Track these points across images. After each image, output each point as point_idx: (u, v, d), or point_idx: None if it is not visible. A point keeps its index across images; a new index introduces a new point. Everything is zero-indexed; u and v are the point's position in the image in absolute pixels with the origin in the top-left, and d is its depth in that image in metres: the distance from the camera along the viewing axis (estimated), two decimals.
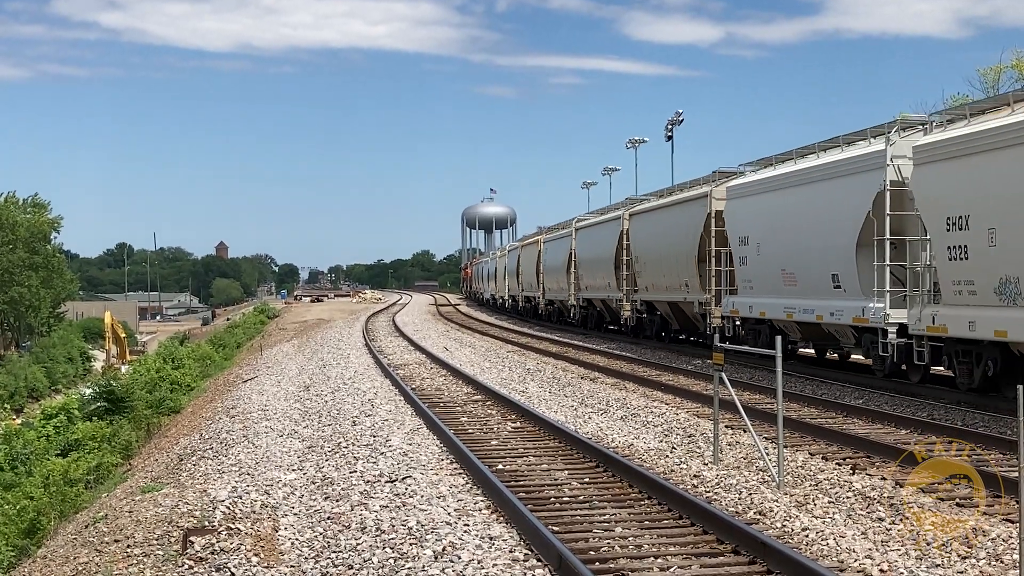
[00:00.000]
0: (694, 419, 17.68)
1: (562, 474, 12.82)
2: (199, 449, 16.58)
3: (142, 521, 11.29)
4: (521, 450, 14.69)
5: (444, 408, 19.35)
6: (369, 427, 17.13)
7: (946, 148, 18.31)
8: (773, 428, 13.41)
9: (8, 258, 76.48)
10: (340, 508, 11.17)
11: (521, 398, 20.58)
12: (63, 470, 20.96)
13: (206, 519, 10.85)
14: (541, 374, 26.48)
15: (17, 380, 61.52)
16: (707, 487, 11.94)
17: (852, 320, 21.32)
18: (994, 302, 17.13)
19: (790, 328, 24.63)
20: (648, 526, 10.18)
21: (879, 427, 16.45)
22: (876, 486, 11.76)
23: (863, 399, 19.73)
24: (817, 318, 22.50)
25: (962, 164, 17.81)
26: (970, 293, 17.75)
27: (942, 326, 18.45)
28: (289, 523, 10.62)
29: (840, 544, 9.36)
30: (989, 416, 17.01)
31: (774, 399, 13.26)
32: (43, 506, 18.70)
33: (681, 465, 13.38)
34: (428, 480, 12.53)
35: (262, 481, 12.84)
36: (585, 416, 18.34)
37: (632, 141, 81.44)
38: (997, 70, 44.97)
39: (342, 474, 13.09)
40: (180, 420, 27.56)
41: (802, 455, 14.01)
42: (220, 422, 19.82)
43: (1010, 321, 16.73)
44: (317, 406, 20.58)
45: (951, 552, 9.05)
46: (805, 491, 11.63)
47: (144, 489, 13.59)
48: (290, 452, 15.11)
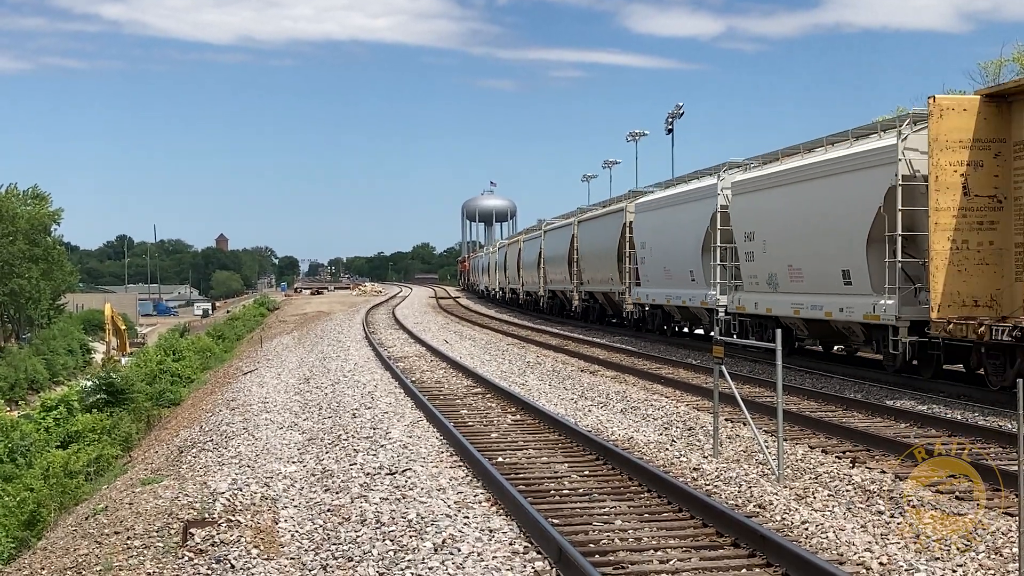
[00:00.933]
0: (694, 412, 17.68)
1: (562, 467, 12.83)
2: (199, 441, 16.59)
3: (142, 513, 11.29)
4: (521, 443, 14.70)
5: (444, 401, 19.36)
6: (369, 419, 17.14)
7: (746, 185, 26.57)
8: (773, 421, 13.41)
9: (8, 250, 76.44)
10: (340, 500, 11.17)
11: (521, 391, 20.58)
12: (63, 462, 21.00)
13: (206, 511, 10.86)
14: (541, 367, 26.49)
15: (17, 372, 61.52)
16: (707, 480, 11.95)
17: None
18: (766, 289, 25.32)
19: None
20: (648, 519, 10.18)
21: (879, 420, 16.46)
22: (876, 479, 11.76)
23: (863, 393, 19.73)
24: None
25: (753, 197, 26.17)
26: (755, 284, 25.92)
27: (741, 307, 26.51)
28: (289, 515, 10.62)
29: (840, 537, 9.37)
30: (988, 410, 17.02)
31: (774, 392, 13.26)
32: (43, 498, 18.72)
33: (681, 458, 13.39)
34: (428, 472, 12.54)
35: (262, 473, 12.84)
36: (585, 409, 18.34)
37: (632, 134, 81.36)
38: (998, 63, 44.93)
39: (342, 466, 13.09)
40: (180, 412, 27.58)
41: (802, 448, 14.01)
42: (220, 414, 19.83)
43: (773, 302, 24.89)
44: (317, 398, 20.59)
45: (950, 545, 9.06)
46: (805, 484, 11.64)
47: (144, 481, 13.60)
48: (290, 444, 15.12)
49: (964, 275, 18.76)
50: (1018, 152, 18.56)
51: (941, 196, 18.68)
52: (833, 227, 22.14)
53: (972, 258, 18.79)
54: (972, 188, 18.77)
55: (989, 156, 18.81)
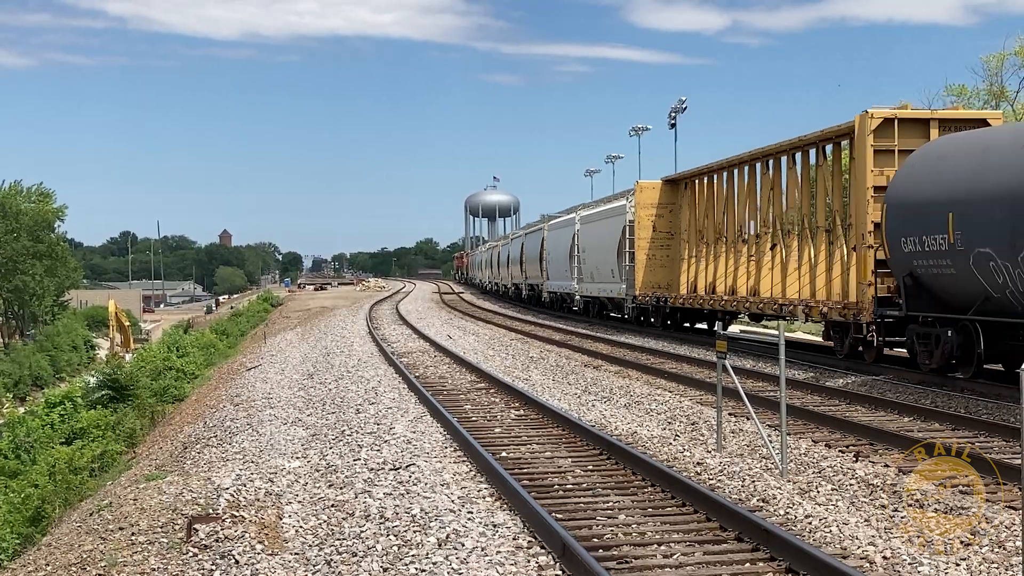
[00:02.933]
0: (697, 407, 17.69)
1: (566, 462, 12.84)
2: (203, 437, 16.61)
3: (146, 509, 11.31)
4: (525, 438, 14.71)
5: (448, 396, 19.37)
6: (373, 415, 17.16)
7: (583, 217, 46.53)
8: (776, 415, 13.41)
9: (12, 247, 76.58)
10: (344, 496, 11.19)
11: (524, 386, 20.60)
12: (68, 458, 21.02)
13: (210, 507, 10.88)
14: (544, 362, 26.50)
15: (22, 368, 61.64)
16: (711, 474, 11.95)
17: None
18: (589, 280, 43.68)
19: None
20: (652, 513, 10.19)
21: (882, 415, 16.46)
22: (879, 473, 11.77)
23: (866, 387, 19.73)
24: None
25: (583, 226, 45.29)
26: (582, 276, 44.77)
27: (584, 290, 44.48)
28: (293, 511, 10.64)
29: (843, 531, 9.37)
30: (992, 403, 17.02)
31: (777, 387, 13.26)
32: (48, 494, 18.76)
33: (685, 452, 13.39)
34: (432, 468, 12.55)
35: (266, 469, 12.86)
36: (589, 404, 18.35)
37: (635, 129, 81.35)
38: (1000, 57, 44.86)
39: (346, 462, 13.11)
40: (184, 408, 27.62)
41: (805, 442, 14.02)
42: (224, 410, 19.86)
43: (591, 287, 43.37)
44: (321, 394, 20.61)
45: (954, 539, 9.06)
46: (808, 478, 11.64)
47: (148, 477, 13.62)
48: (294, 440, 15.14)
49: (652, 273, 36.62)
50: (679, 210, 36.21)
51: (641, 232, 36.84)
52: (608, 247, 40.87)
53: (656, 264, 36.61)
54: (657, 228, 36.68)
55: (666, 211, 36.59)
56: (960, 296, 18.97)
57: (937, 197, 19.21)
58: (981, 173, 18.39)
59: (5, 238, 76.22)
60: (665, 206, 36.15)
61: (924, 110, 23.99)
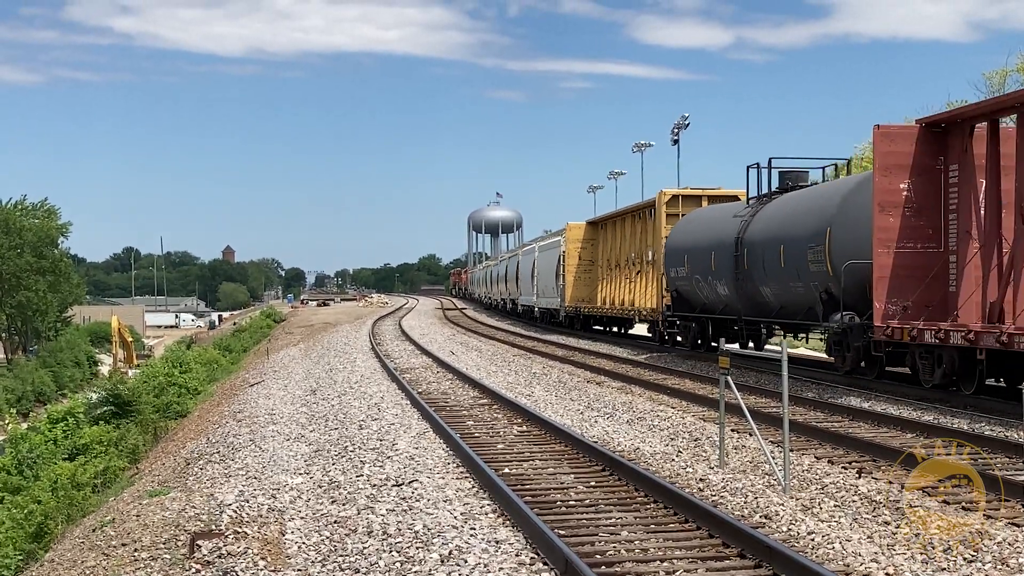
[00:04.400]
0: (700, 423, 17.69)
1: (568, 478, 12.84)
2: (206, 453, 16.62)
3: (149, 525, 11.32)
4: (527, 454, 14.71)
5: (450, 412, 19.38)
6: (376, 431, 17.16)
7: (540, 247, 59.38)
8: (779, 432, 13.41)
9: (16, 262, 76.66)
10: (347, 512, 11.19)
11: (527, 402, 20.60)
12: (70, 474, 21.01)
13: (213, 523, 10.88)
14: (547, 378, 26.50)
15: (25, 384, 61.64)
16: (713, 491, 11.95)
17: None
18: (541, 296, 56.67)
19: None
20: (654, 530, 10.19)
21: (884, 431, 16.45)
22: (882, 490, 11.76)
23: (868, 403, 19.73)
24: None
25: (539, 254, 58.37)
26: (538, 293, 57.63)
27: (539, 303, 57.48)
28: (296, 527, 10.64)
29: (846, 548, 9.37)
30: (995, 420, 17.01)
31: (780, 403, 13.27)
32: (50, 510, 18.75)
33: (687, 469, 13.39)
34: (435, 484, 12.55)
35: (269, 485, 12.87)
36: (591, 420, 18.35)
37: (638, 145, 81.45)
38: (1003, 73, 45.00)
39: (349, 478, 13.12)
40: (187, 424, 27.62)
41: (808, 459, 14.01)
42: (227, 426, 19.87)
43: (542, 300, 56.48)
44: (324, 410, 20.62)
45: (956, 556, 9.05)
46: (811, 495, 11.64)
47: (151, 493, 13.63)
48: (297, 456, 15.14)
49: (577, 290, 47.62)
50: (597, 244, 46.83)
51: (569, 260, 48.19)
52: (551, 271, 52.71)
53: (581, 284, 47.65)
54: (582, 257, 47.65)
55: (589, 245, 47.52)
56: (694, 303, 32.27)
57: (682, 245, 32.50)
58: (700, 232, 31.57)
59: (9, 254, 76.29)
60: (588, 241, 48.14)
61: (698, 188, 37.04)
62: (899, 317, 20.60)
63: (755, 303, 27.82)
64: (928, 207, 20.96)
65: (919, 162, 21.05)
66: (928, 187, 20.99)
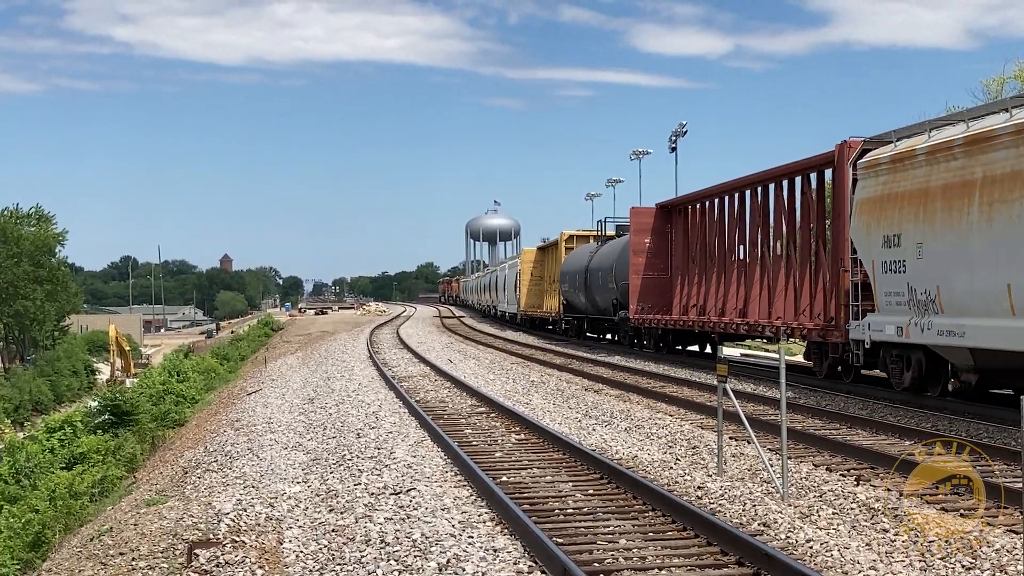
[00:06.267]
0: (698, 430, 17.68)
1: (566, 486, 12.83)
2: (204, 462, 16.60)
3: (147, 534, 11.31)
4: (525, 462, 14.71)
5: (448, 420, 19.37)
6: (373, 439, 17.15)
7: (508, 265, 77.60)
8: (777, 439, 13.41)
9: (13, 271, 76.57)
10: (344, 520, 11.18)
11: (525, 410, 20.59)
12: (68, 483, 20.98)
13: (211, 532, 10.87)
14: (545, 386, 26.50)
15: (22, 393, 61.54)
16: (711, 498, 11.95)
17: None
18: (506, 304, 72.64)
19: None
20: (652, 538, 10.19)
21: (883, 438, 16.46)
22: (880, 497, 11.76)
23: (867, 410, 19.73)
24: None
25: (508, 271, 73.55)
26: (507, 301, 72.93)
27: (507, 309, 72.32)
28: (294, 535, 10.63)
29: (844, 555, 9.36)
30: (994, 427, 17.02)
31: (778, 410, 13.26)
32: (48, 519, 18.71)
33: (685, 476, 13.39)
34: (432, 492, 12.55)
35: (267, 494, 12.86)
36: (589, 428, 18.35)
37: (636, 152, 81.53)
38: (1000, 81, 45.07)
39: (346, 486, 13.10)
40: (185, 433, 27.60)
41: (806, 466, 14.01)
42: (225, 435, 19.85)
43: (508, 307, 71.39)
44: (321, 419, 20.60)
45: (955, 564, 9.05)
46: (809, 502, 11.63)
47: (149, 502, 13.62)
48: (294, 465, 15.13)
49: (530, 299, 60.86)
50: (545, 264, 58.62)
51: (524, 276, 61.77)
52: (512, 284, 66.72)
53: (532, 294, 60.57)
54: (533, 274, 60.52)
55: (539, 268, 59.71)
56: (577, 308, 48.50)
57: (566, 269, 49.70)
58: (574, 262, 48.79)
59: (6, 263, 76.23)
60: (538, 262, 60.46)
61: (586, 230, 53.99)
62: (643, 312, 37.60)
63: (593, 307, 46.03)
64: (660, 252, 38.07)
65: (655, 227, 38.35)
66: (660, 241, 38.14)
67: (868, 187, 21.20)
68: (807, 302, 25.83)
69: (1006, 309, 16.78)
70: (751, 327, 29.37)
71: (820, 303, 24.96)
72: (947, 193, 18.46)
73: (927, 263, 19.12)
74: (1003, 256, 16.90)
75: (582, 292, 46.22)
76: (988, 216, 17.29)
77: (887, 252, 20.27)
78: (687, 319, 34.29)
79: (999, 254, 17.01)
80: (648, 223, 38.11)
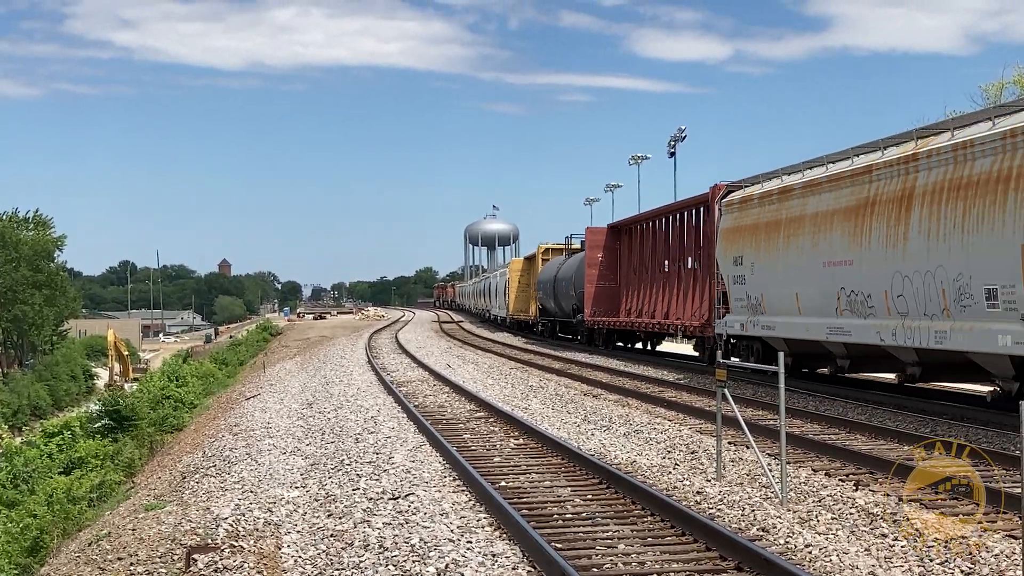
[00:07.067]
0: (697, 435, 17.67)
1: (565, 491, 12.82)
2: (202, 467, 16.58)
3: (145, 539, 11.29)
4: (524, 467, 14.69)
5: (447, 425, 19.35)
6: (372, 444, 17.13)
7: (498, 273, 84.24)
8: (776, 444, 13.40)
9: (11, 276, 76.58)
10: (343, 526, 11.17)
11: (524, 415, 20.58)
12: (66, 488, 20.97)
13: (209, 537, 10.86)
14: (544, 391, 26.48)
15: (20, 398, 61.52)
16: (710, 503, 11.94)
17: None
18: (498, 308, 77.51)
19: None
20: (651, 543, 10.17)
21: (882, 443, 16.45)
22: (879, 502, 11.75)
23: (866, 415, 19.73)
24: None
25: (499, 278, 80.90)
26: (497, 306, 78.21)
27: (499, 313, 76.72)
28: (292, 540, 10.62)
29: (843, 560, 9.35)
30: (992, 432, 17.01)
31: (777, 415, 13.26)
32: (46, 524, 18.70)
33: (684, 482, 13.38)
34: (431, 497, 12.53)
35: (265, 499, 12.84)
36: (588, 433, 18.34)
37: (635, 157, 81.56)
38: (999, 86, 45.04)
39: (345, 491, 13.09)
40: (183, 438, 27.56)
41: (805, 471, 14.00)
42: (223, 440, 19.84)
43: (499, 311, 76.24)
44: (320, 423, 20.59)
45: (954, 569, 9.04)
46: (808, 507, 11.63)
47: (147, 507, 13.60)
48: (293, 469, 15.12)
49: (517, 304, 65.57)
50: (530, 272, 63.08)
51: (511, 284, 66.67)
52: (502, 290, 72.00)
53: (520, 300, 64.81)
54: (520, 281, 64.95)
55: (525, 277, 64.19)
56: (550, 312, 55.35)
57: (541, 279, 56.98)
58: (547, 272, 55.54)
59: (4, 268, 76.24)
60: (525, 271, 64.79)
61: (561, 244, 58.58)
62: (596, 315, 44.52)
63: (560, 311, 52.72)
64: (611, 265, 44.65)
65: (607, 244, 44.86)
66: (611, 256, 44.74)
67: (727, 220, 28.35)
68: (696, 306, 33.58)
69: (796, 310, 24.01)
70: (663, 326, 36.95)
71: (702, 307, 32.25)
72: (768, 228, 25.48)
73: (757, 278, 26.04)
74: (793, 274, 24.02)
75: (552, 298, 53.67)
76: (787, 245, 24.33)
77: (736, 269, 27.31)
78: (628, 320, 41.56)
79: (792, 272, 24.10)
80: (601, 240, 45.20)
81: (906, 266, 19.35)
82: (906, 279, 19.40)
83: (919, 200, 19.09)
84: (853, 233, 21.32)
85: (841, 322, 21.95)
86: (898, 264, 19.61)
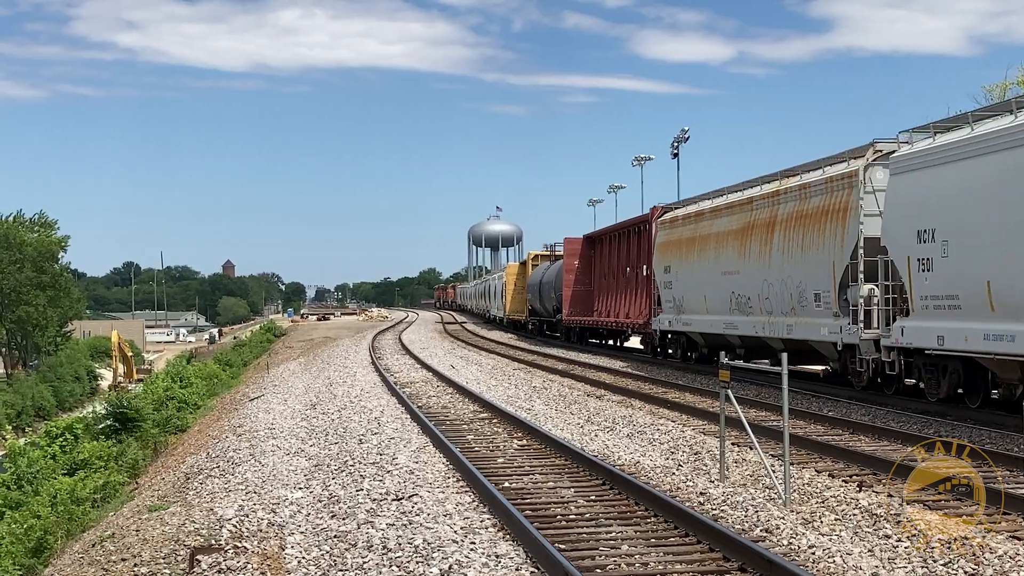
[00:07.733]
0: (700, 436, 17.67)
1: (568, 492, 12.83)
2: (206, 468, 16.59)
3: (149, 540, 11.30)
4: (527, 468, 14.70)
5: (450, 426, 19.36)
6: (376, 445, 17.14)
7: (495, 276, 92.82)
8: (779, 445, 13.39)
9: (16, 277, 76.63)
10: (347, 526, 11.18)
11: (527, 416, 20.58)
12: (70, 489, 20.97)
13: (213, 537, 10.86)
14: (547, 392, 26.48)
15: (24, 399, 61.56)
16: (714, 504, 11.94)
17: None
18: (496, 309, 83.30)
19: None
20: (655, 544, 10.18)
21: (885, 444, 16.44)
22: (883, 503, 11.75)
23: (869, 416, 19.71)
24: None
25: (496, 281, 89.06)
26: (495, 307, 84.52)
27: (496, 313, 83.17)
28: (296, 541, 10.63)
29: (847, 561, 9.35)
30: (996, 433, 17.00)
31: (780, 416, 13.25)
32: (50, 525, 18.70)
33: (687, 482, 13.38)
34: (435, 498, 12.54)
35: (269, 499, 12.85)
36: (591, 434, 18.34)
37: (638, 159, 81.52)
38: (1003, 87, 44.99)
39: (349, 492, 13.10)
40: (187, 439, 27.57)
41: (808, 472, 14.00)
42: (227, 440, 19.84)
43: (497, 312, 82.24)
44: (324, 424, 20.60)
45: (958, 570, 9.04)
46: (812, 508, 11.62)
47: (151, 508, 13.61)
48: (297, 470, 15.13)
49: (512, 305, 69.35)
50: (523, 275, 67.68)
51: (508, 286, 70.70)
52: (499, 292, 77.17)
53: (515, 301, 68.44)
54: (516, 284, 68.78)
55: (520, 280, 68.23)
56: (538, 312, 61.20)
57: (530, 281, 63.27)
58: (534, 276, 62.34)
59: (9, 269, 76.29)
60: (520, 275, 69.14)
61: (549, 250, 63.03)
62: (572, 315, 49.74)
63: (545, 311, 58.28)
64: (586, 271, 49.69)
65: (583, 252, 50.06)
66: (587, 263, 49.80)
67: (661, 236, 35.19)
68: (641, 307, 39.41)
69: (705, 309, 30.67)
70: (621, 324, 43.21)
71: (645, 308, 38.06)
72: (687, 243, 32.11)
73: (680, 283, 32.78)
74: (703, 281, 30.59)
75: (538, 300, 59.84)
76: (699, 258, 30.95)
77: (666, 276, 34.12)
78: (596, 319, 47.60)
79: (702, 279, 30.66)
80: (577, 249, 50.96)
81: (771, 275, 25.92)
82: (771, 285, 25.91)
83: (780, 226, 25.62)
84: (740, 249, 27.90)
85: (733, 319, 28.52)
86: (766, 273, 26.18)
